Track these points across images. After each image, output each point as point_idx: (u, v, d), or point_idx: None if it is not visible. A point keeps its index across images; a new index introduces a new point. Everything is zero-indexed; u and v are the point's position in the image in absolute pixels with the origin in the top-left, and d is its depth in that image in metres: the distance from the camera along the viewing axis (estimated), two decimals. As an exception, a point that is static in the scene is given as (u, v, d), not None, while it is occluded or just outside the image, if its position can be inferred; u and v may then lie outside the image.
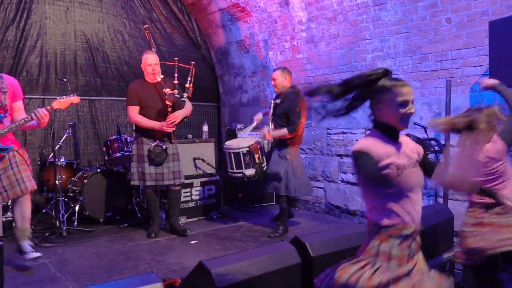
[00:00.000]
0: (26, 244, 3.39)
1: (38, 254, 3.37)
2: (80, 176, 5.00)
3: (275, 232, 4.43)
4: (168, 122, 4.21)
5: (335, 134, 5.37)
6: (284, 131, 4.30)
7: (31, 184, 3.36)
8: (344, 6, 4.97)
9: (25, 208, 3.38)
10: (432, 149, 3.85)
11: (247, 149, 4.33)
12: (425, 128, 4.08)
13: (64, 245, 4.08)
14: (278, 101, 4.47)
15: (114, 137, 5.23)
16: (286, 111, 4.33)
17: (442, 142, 4.02)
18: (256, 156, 4.34)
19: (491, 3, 3.74)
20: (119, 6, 6.35)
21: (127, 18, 6.41)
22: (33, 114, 3.26)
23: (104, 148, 5.33)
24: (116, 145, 5.14)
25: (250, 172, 4.34)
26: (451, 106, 4.03)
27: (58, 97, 3.53)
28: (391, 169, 1.67)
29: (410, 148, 1.83)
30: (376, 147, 1.72)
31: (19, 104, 3.46)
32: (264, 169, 4.44)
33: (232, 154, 4.43)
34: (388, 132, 1.79)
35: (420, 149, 1.88)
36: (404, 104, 1.72)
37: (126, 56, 6.41)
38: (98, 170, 4.94)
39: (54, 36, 5.80)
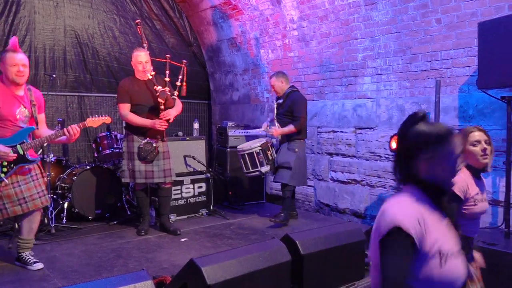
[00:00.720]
0: (29, 255, 3.38)
1: (41, 266, 3.37)
2: (69, 173, 4.96)
3: (277, 217, 4.70)
4: (161, 120, 4.19)
5: (326, 132, 5.40)
6: (290, 127, 4.63)
7: (47, 198, 3.40)
8: (335, 5, 4.99)
9: (36, 220, 3.38)
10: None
11: (260, 148, 4.64)
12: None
13: (52, 243, 4.04)
14: (280, 101, 4.81)
15: (103, 134, 5.19)
16: (290, 108, 4.68)
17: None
18: (268, 153, 4.67)
19: (480, 5, 3.79)
20: (109, 2, 6.30)
21: (117, 14, 6.37)
22: (65, 130, 3.26)
23: (93, 145, 5.30)
24: (105, 142, 5.11)
25: (265, 169, 4.66)
26: (440, 106, 4.07)
27: (91, 116, 3.59)
28: (434, 259, 1.24)
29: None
30: (419, 219, 1.27)
31: (42, 117, 3.49)
32: None
33: (246, 156, 4.69)
34: (434, 194, 1.36)
35: None
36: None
37: (116, 52, 6.36)
38: (88, 167, 4.90)
39: (43, 31, 5.73)
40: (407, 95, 4.52)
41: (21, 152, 3.14)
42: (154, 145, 4.27)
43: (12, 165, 3.13)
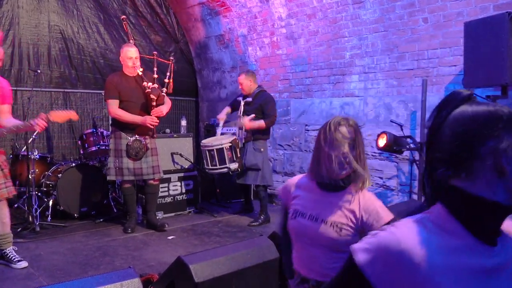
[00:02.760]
0: (12, 252, 3.31)
1: (25, 264, 3.30)
2: (54, 170, 4.89)
3: (256, 221, 4.67)
4: (152, 117, 4.15)
5: (313, 130, 5.42)
6: (261, 122, 4.60)
7: (13, 189, 3.33)
8: (323, 3, 5.00)
9: (3, 213, 3.30)
10: (407, 146, 3.93)
11: (230, 144, 4.50)
12: (401, 126, 4.16)
13: (37, 241, 3.98)
14: (249, 99, 4.75)
15: (89, 130, 5.13)
16: (260, 107, 4.66)
17: (418, 139, 4.11)
18: (238, 150, 4.54)
19: (466, 5, 3.84)
20: (94, -2, 6.22)
21: (101, 10, 6.28)
22: (34, 123, 3.12)
23: (79, 142, 5.23)
24: (91, 139, 5.05)
25: (234, 166, 4.51)
26: (426, 105, 4.12)
27: (55, 110, 3.46)
28: None
29: None
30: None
31: (6, 107, 3.36)
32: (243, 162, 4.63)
33: (215, 151, 4.56)
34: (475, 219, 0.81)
35: None
36: None
37: (102, 48, 6.29)
38: (73, 164, 4.84)
39: (27, 26, 5.64)
40: (394, 94, 4.55)
41: None
42: (143, 142, 4.24)
43: None
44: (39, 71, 4.94)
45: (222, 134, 4.92)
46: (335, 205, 1.63)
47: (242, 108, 4.78)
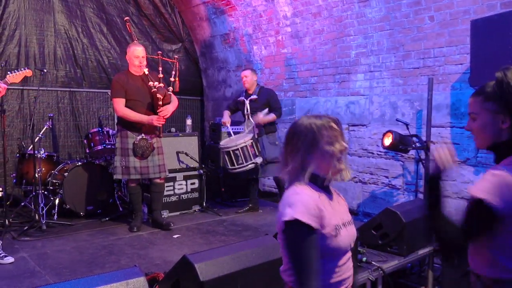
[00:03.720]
0: None
1: (11, 259, 3.34)
2: (61, 169, 4.91)
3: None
4: (159, 116, 4.16)
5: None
6: (273, 116, 4.84)
7: None
8: (329, 1, 4.99)
9: None
10: (413, 145, 3.91)
11: (251, 140, 4.67)
12: (407, 125, 4.14)
13: (43, 239, 4.01)
14: (254, 97, 4.89)
15: (95, 129, 5.15)
16: (267, 102, 4.86)
17: (424, 138, 4.09)
18: (258, 144, 4.75)
19: (473, 3, 3.81)
20: (97, -2, 6.25)
21: (105, 10, 6.29)
22: None
23: (85, 141, 5.25)
24: (97, 137, 5.06)
25: (259, 160, 4.70)
26: (432, 103, 4.10)
27: (10, 72, 3.59)
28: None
29: None
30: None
31: None
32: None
33: (240, 150, 4.68)
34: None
35: None
36: None
37: (105, 48, 6.31)
38: (79, 163, 4.86)
39: (33, 26, 5.66)
40: (400, 92, 4.53)
41: None
42: (149, 141, 4.25)
43: None
44: (45, 70, 4.96)
45: (235, 134, 5.07)
46: (342, 204, 1.66)
47: (248, 106, 4.88)
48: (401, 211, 3.34)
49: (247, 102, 4.90)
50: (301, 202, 1.37)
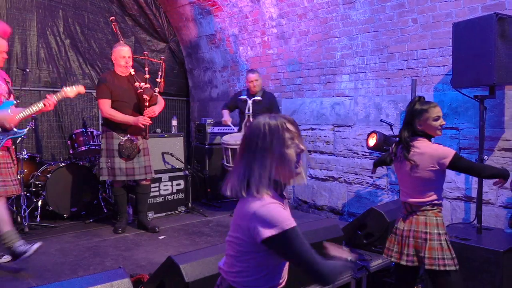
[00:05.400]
0: (20, 244, 3.21)
1: (38, 244, 3.24)
2: (43, 170, 4.84)
3: None
4: (145, 117, 4.13)
5: (304, 130, 5.44)
6: None
7: (19, 188, 3.45)
8: (314, 3, 5.02)
9: (5, 210, 3.30)
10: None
11: None
12: (391, 126, 4.19)
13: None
14: (259, 98, 4.88)
15: (79, 130, 5.09)
16: (270, 106, 4.93)
17: (407, 139, 4.14)
18: None
19: (455, 6, 3.88)
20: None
21: (86, 10, 6.23)
22: (45, 102, 3.37)
23: (68, 142, 5.18)
24: (81, 138, 5.01)
25: None
26: (416, 104, 4.15)
27: (65, 87, 3.61)
28: None
29: None
30: None
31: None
32: None
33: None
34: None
35: None
36: None
37: (89, 48, 6.25)
38: (63, 164, 4.80)
39: (15, 25, 5.57)
40: (384, 94, 4.59)
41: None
42: (135, 142, 4.21)
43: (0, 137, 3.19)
44: (27, 69, 4.89)
45: (232, 133, 5.07)
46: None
47: (250, 107, 4.83)
48: (385, 211, 3.39)
49: (249, 102, 4.85)
50: (278, 213, 1.34)
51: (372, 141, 3.88)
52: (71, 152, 5.13)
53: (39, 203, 4.60)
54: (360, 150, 4.82)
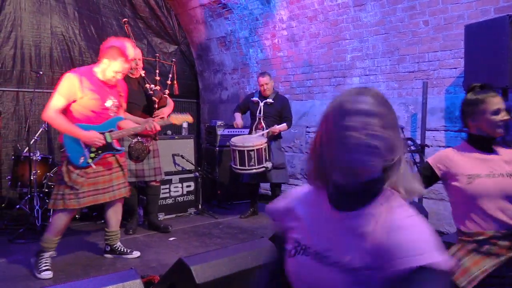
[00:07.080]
0: (122, 245, 3.65)
1: (138, 254, 3.65)
2: (56, 171, 4.89)
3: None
4: (155, 122, 4.14)
5: (314, 132, 5.43)
6: (285, 126, 4.82)
7: (128, 190, 3.61)
8: (324, 5, 5.02)
9: (120, 211, 3.60)
10: (408, 149, 3.93)
11: (266, 144, 4.65)
12: (401, 128, 4.17)
13: (38, 242, 3.98)
14: (270, 101, 4.83)
15: (91, 132, 5.13)
16: (281, 109, 4.84)
17: (418, 142, 4.12)
18: (268, 150, 4.72)
19: (467, 7, 3.85)
20: (93, 1, 6.23)
21: (102, 11, 6.30)
22: (147, 126, 3.56)
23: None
24: (93, 140, 5.04)
25: (269, 164, 4.66)
26: (427, 107, 4.13)
27: (173, 114, 3.82)
28: None
29: None
30: None
31: (124, 106, 3.67)
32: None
33: (255, 151, 4.62)
34: None
35: None
36: None
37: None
38: (75, 166, 4.84)
39: (29, 28, 5.65)
40: (395, 96, 4.56)
41: (109, 140, 3.29)
42: (145, 144, 4.24)
43: (99, 151, 3.27)
44: (41, 72, 4.95)
45: (243, 134, 5.09)
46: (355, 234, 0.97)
47: (261, 109, 4.83)
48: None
49: (261, 104, 4.84)
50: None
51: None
52: (83, 153, 5.18)
53: (52, 204, 4.64)
54: (371, 153, 4.79)
